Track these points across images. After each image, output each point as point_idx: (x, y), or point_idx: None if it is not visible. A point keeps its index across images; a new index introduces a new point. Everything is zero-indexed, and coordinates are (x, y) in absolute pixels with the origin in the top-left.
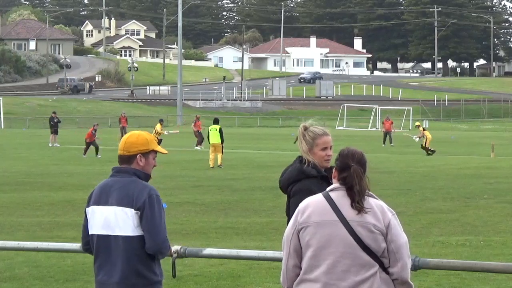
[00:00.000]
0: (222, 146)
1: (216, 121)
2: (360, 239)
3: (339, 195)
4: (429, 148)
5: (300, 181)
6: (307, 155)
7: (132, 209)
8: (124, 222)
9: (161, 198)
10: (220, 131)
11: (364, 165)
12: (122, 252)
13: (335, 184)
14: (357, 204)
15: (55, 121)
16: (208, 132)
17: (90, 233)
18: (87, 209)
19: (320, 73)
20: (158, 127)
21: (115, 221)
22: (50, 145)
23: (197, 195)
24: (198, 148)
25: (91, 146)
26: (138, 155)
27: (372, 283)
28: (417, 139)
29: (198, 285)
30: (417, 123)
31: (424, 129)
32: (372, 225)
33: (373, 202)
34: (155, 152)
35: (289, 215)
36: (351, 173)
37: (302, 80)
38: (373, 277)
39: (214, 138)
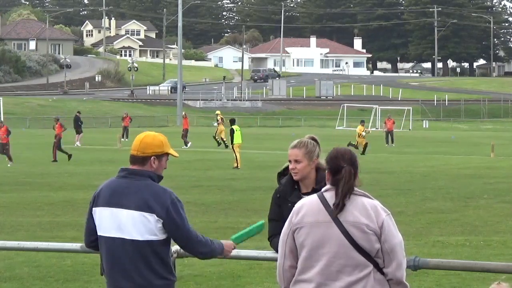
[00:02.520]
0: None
1: (235, 121)
2: (353, 240)
3: (333, 196)
4: (222, 138)
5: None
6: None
7: (154, 215)
8: (145, 227)
9: (180, 200)
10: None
11: (355, 164)
12: (142, 256)
13: (329, 185)
14: (339, 203)
15: (81, 121)
16: (232, 132)
17: (99, 234)
18: (94, 209)
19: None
20: (359, 128)
21: (133, 225)
22: (79, 144)
23: (197, 195)
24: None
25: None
26: (152, 157)
27: (366, 283)
28: (216, 124)
29: (198, 285)
30: (217, 112)
31: (219, 122)
32: (365, 225)
33: (367, 202)
34: (168, 154)
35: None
36: (342, 174)
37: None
38: (367, 277)
39: (240, 138)
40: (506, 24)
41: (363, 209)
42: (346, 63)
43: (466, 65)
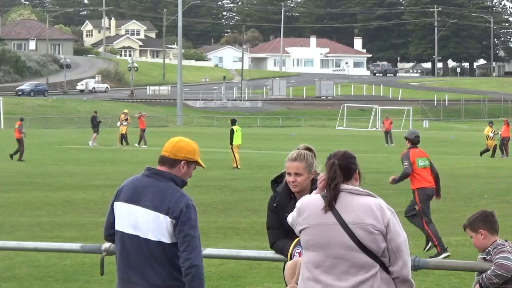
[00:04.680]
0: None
1: (236, 122)
2: (360, 242)
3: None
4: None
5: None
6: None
7: (168, 217)
8: (158, 228)
9: (196, 208)
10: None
11: (346, 160)
12: (154, 256)
13: None
14: (329, 199)
15: (98, 120)
16: (233, 133)
17: (116, 228)
18: (116, 203)
19: (44, 85)
20: (487, 130)
21: (147, 224)
22: (92, 144)
23: (197, 195)
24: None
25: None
26: (182, 162)
27: (372, 283)
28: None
29: None
30: (125, 111)
31: (123, 123)
32: (371, 225)
33: (372, 201)
34: (196, 163)
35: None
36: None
37: (20, 93)
38: (374, 277)
39: (240, 138)
40: (506, 24)
41: (368, 209)
42: (346, 63)
43: (466, 65)
